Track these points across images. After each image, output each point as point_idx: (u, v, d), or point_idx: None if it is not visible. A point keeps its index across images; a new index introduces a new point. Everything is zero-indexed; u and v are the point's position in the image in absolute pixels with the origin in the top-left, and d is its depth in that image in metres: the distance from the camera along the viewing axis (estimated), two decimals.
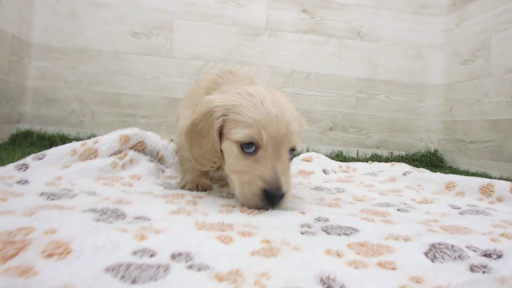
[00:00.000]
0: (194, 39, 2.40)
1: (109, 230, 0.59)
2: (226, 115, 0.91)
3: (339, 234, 0.71)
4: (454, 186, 1.31)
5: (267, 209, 0.85)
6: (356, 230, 0.73)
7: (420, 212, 0.97)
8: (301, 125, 1.01)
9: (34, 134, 2.13)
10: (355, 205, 1.01)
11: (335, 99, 2.56)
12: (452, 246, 0.63)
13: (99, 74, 2.33)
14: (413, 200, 1.17)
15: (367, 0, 2.60)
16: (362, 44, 2.58)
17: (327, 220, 0.80)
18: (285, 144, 0.88)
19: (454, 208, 1.05)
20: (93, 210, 0.69)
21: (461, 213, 0.99)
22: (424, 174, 1.50)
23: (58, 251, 0.50)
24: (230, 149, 0.91)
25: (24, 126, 2.19)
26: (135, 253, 0.52)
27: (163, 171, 1.38)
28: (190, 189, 1.07)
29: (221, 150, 0.95)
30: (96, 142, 1.23)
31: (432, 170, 1.73)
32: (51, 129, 2.23)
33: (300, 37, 2.52)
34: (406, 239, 0.67)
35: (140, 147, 1.33)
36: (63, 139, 2.11)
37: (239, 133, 0.87)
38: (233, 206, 0.88)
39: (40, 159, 1.13)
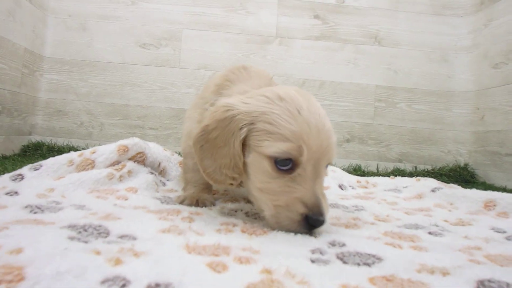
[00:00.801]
0: (202, 49, 2.35)
1: (80, 251, 0.51)
2: (253, 124, 0.76)
3: (359, 264, 0.57)
4: (494, 205, 1.09)
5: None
6: (379, 259, 0.59)
7: (456, 236, 0.79)
8: (335, 135, 0.88)
9: (44, 146, 2.14)
10: (377, 226, 0.86)
11: (351, 109, 2.32)
12: (508, 284, 0.49)
13: (108, 85, 2.32)
14: (445, 221, 0.97)
15: (384, 3, 2.46)
16: (380, 49, 2.39)
17: (344, 244, 0.66)
18: (325, 160, 0.75)
19: (498, 232, 0.86)
20: (72, 227, 0.61)
21: (508, 239, 0.80)
22: (457, 190, 1.29)
23: (8, 278, 0.41)
24: (259, 165, 0.76)
25: (35, 138, 2.22)
26: (104, 281, 0.43)
27: (164, 184, 1.30)
28: (189, 205, 0.95)
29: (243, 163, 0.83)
30: (94, 153, 1.16)
31: (463, 186, 1.51)
32: (61, 141, 2.24)
33: (313, 43, 2.33)
34: (445, 273, 0.53)
35: (140, 158, 1.25)
36: (72, 151, 2.00)
37: (274, 148, 0.73)
38: (234, 225, 0.76)
39: (36, 170, 1.07)
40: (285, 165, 0.73)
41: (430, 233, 0.78)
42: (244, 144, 0.78)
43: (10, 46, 1.90)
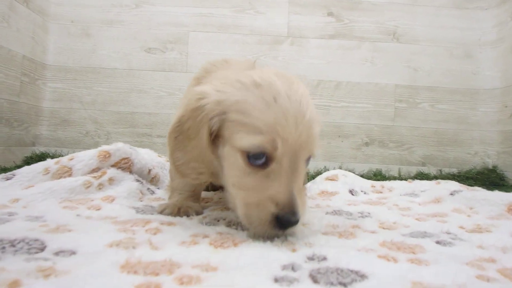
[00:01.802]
0: (211, 52, 2.31)
1: None
2: (225, 113, 0.71)
3: (332, 284, 0.50)
4: None
5: (278, 237, 0.70)
6: (362, 276, 0.53)
7: (469, 246, 0.73)
8: (320, 124, 0.80)
9: (49, 157, 2.16)
10: (376, 235, 0.79)
11: (370, 110, 2.30)
12: None
13: (113, 93, 2.30)
14: (461, 227, 0.89)
15: None
16: (399, 47, 2.34)
17: (324, 258, 0.60)
18: (303, 153, 0.71)
19: None
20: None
21: None
22: (478, 193, 1.21)
23: None
24: (232, 158, 0.72)
25: (39, 149, 2.19)
26: None
27: (152, 192, 1.23)
28: (170, 214, 0.91)
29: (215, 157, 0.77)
30: (71, 159, 1.14)
31: (491, 190, 1.39)
32: (66, 151, 2.20)
33: (326, 42, 2.32)
34: None
35: (124, 165, 1.21)
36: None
37: (246, 141, 0.68)
38: (204, 236, 0.71)
39: (8, 179, 1.07)
40: (259, 159, 0.68)
41: (438, 242, 0.73)
42: (218, 136, 0.74)
43: (5, 53, 1.85)
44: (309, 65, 2.33)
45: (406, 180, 1.80)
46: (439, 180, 1.55)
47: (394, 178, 2.06)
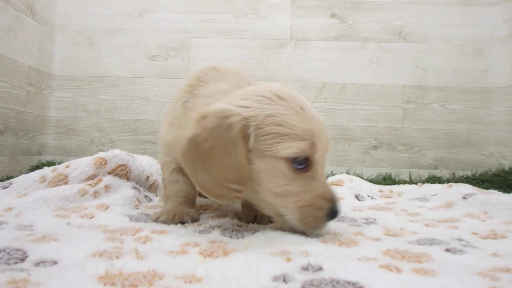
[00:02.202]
0: (213, 57, 2.29)
1: None
2: (260, 128, 0.74)
3: None
4: None
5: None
6: None
7: (482, 254, 0.67)
8: None
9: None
10: (380, 243, 0.75)
11: (377, 112, 2.23)
12: None
13: (117, 101, 2.29)
14: (474, 233, 0.85)
15: None
16: (406, 46, 2.27)
17: (320, 269, 0.56)
18: (327, 152, 0.81)
19: None
20: None
21: None
22: (492, 196, 1.15)
23: None
24: (273, 168, 0.75)
25: (45, 158, 2.19)
26: None
27: (150, 200, 1.21)
28: (165, 221, 0.90)
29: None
30: (67, 167, 1.12)
31: (508, 193, 1.31)
32: (71, 160, 2.17)
33: (330, 44, 2.27)
34: None
35: (121, 172, 1.20)
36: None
37: (293, 149, 0.73)
38: (195, 245, 0.68)
39: (5, 188, 1.05)
40: (302, 164, 0.74)
41: (447, 250, 0.68)
42: (248, 151, 0.75)
43: (11, 64, 1.87)
44: (313, 67, 2.28)
45: (417, 184, 1.73)
46: (451, 183, 1.48)
47: (405, 182, 1.97)
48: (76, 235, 0.71)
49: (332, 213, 0.75)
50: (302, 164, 0.75)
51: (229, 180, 0.74)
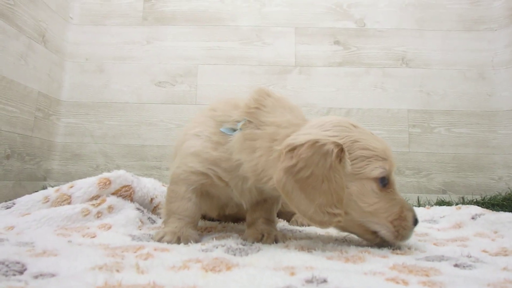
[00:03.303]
0: (219, 83, 2.32)
1: None
2: (350, 153, 0.83)
3: None
4: None
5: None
6: None
7: (492, 268, 0.67)
8: None
9: None
10: (387, 260, 0.74)
11: (383, 137, 2.24)
12: None
13: (124, 126, 2.31)
14: (484, 251, 0.85)
15: (408, 23, 2.36)
16: (409, 71, 2.30)
17: (324, 281, 0.55)
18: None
19: None
20: None
21: None
22: (502, 215, 1.13)
23: None
24: (364, 189, 0.83)
25: (50, 183, 2.18)
26: None
27: (153, 222, 1.20)
28: (169, 242, 0.88)
29: None
30: (71, 187, 1.13)
31: None
32: None
33: (335, 70, 2.31)
34: None
35: (125, 193, 1.20)
36: None
37: (380, 169, 0.82)
38: (197, 261, 0.66)
39: (8, 208, 1.06)
40: (384, 182, 0.83)
41: (456, 265, 0.68)
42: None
43: (21, 89, 1.91)
44: (318, 93, 2.30)
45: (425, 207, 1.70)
46: (460, 205, 1.46)
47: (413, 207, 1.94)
48: (76, 251, 0.70)
49: (415, 220, 0.83)
50: (385, 182, 0.83)
51: (329, 205, 0.78)
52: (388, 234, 0.83)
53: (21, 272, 0.57)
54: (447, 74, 2.29)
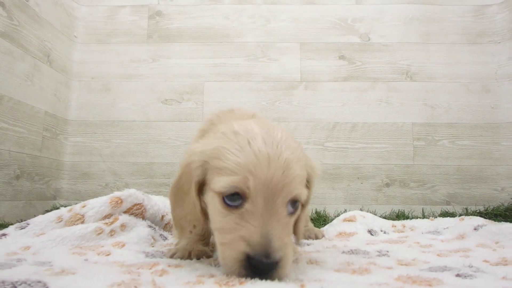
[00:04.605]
0: (226, 100, 2.41)
1: None
2: (207, 163, 0.77)
3: None
4: None
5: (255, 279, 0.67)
6: None
7: (492, 278, 0.72)
8: (310, 170, 0.83)
9: None
10: (392, 271, 0.79)
11: (388, 150, 2.30)
12: None
13: (131, 144, 2.39)
14: (485, 261, 0.90)
15: (413, 37, 2.44)
16: (413, 85, 2.38)
17: None
18: (282, 194, 0.71)
19: None
20: (2, 283, 0.59)
21: None
22: (503, 226, 1.18)
23: None
24: (213, 203, 0.76)
25: (60, 202, 2.26)
26: None
27: (165, 239, 1.25)
28: (181, 258, 0.92)
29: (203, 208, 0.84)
30: (84, 207, 1.16)
31: None
32: None
33: (340, 85, 2.40)
34: None
35: (137, 211, 1.24)
36: None
37: (221, 183, 0.72)
38: (211, 276, 0.71)
39: (22, 229, 1.08)
40: (234, 201, 0.71)
41: (458, 275, 0.72)
42: (203, 185, 0.79)
43: (28, 110, 1.98)
44: (324, 108, 2.38)
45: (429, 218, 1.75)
46: (463, 217, 1.51)
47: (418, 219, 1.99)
48: (94, 270, 0.74)
49: (253, 261, 0.67)
50: (235, 201, 0.71)
51: (190, 214, 0.81)
52: (219, 258, 0.74)
53: None
54: (451, 87, 2.37)
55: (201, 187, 0.80)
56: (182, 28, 2.49)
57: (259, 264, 0.66)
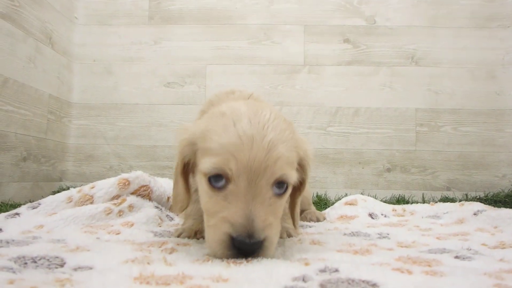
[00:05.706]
0: (228, 83, 2.43)
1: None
2: (195, 144, 0.79)
3: None
4: None
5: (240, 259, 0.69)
6: (374, 286, 0.54)
7: (489, 260, 0.75)
8: (301, 152, 0.82)
9: None
10: (393, 252, 0.82)
11: (390, 136, 2.34)
12: None
13: (135, 127, 2.44)
14: (484, 245, 0.92)
15: (420, 20, 2.44)
16: (418, 70, 2.40)
17: (336, 270, 0.62)
18: (265, 175, 0.71)
19: None
20: (19, 258, 0.63)
21: None
22: (503, 211, 1.22)
23: None
24: (201, 184, 0.78)
25: (66, 184, 2.33)
26: None
27: (171, 219, 1.32)
28: (187, 237, 0.96)
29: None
30: (93, 188, 1.21)
31: None
32: None
33: (344, 69, 2.42)
34: None
35: (144, 192, 1.31)
36: None
37: (205, 164, 0.73)
38: None
39: (34, 208, 1.12)
40: (218, 182, 0.72)
41: (456, 257, 0.75)
42: (196, 166, 0.81)
43: (32, 92, 2.02)
44: (327, 92, 2.41)
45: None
46: (463, 202, 1.54)
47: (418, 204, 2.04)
48: (107, 247, 0.79)
49: (235, 242, 0.68)
50: (219, 182, 0.72)
51: (181, 192, 0.86)
52: (205, 239, 0.77)
53: (61, 265, 0.64)
54: (456, 72, 2.39)
55: (193, 168, 0.83)
56: (183, 9, 2.50)
57: (242, 244, 0.68)
